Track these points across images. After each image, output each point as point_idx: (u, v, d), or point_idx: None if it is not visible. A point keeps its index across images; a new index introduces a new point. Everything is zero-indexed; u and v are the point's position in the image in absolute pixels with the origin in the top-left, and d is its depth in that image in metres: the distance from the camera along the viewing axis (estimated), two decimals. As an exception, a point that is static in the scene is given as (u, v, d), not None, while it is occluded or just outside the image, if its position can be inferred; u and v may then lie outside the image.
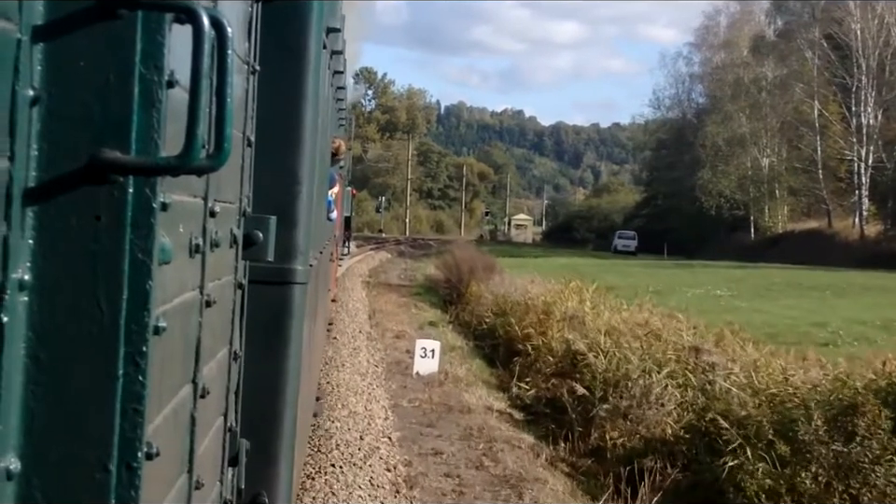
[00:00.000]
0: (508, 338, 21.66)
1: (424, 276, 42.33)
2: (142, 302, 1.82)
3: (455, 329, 25.47)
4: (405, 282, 40.98)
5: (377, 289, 34.63)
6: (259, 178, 3.81)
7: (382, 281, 40.01)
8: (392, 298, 31.79)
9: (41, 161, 1.72)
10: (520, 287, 27.25)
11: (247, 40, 3.30)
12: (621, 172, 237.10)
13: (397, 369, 17.66)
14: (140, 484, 1.82)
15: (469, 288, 30.24)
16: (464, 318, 27.20)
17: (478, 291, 29.06)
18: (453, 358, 18.92)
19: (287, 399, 5.11)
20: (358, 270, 43.80)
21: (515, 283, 28.56)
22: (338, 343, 18.38)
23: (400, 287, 37.26)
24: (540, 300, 22.80)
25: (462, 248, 40.11)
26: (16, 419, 1.70)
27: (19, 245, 1.66)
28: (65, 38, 1.73)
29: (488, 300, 26.87)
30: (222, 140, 1.92)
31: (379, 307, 28.03)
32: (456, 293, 31.54)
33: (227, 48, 1.93)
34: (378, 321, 24.32)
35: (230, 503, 3.52)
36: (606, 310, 21.04)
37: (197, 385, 2.54)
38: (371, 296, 31.34)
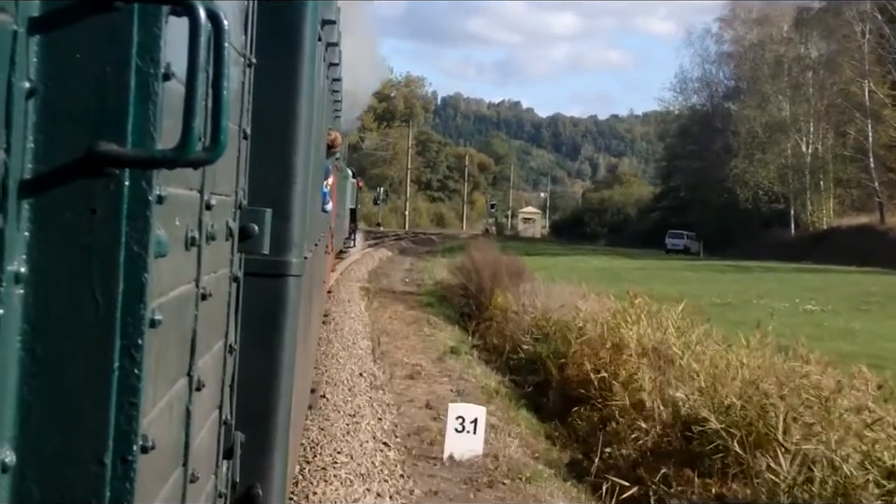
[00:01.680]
0: (563, 379, 15.67)
1: (433, 280, 35.67)
2: (138, 295, 1.82)
3: (482, 356, 19.75)
4: (411, 288, 34.40)
5: (379, 299, 27.93)
6: (254, 171, 3.81)
7: (384, 287, 33.10)
8: (398, 311, 25.58)
9: (37, 153, 1.72)
10: (558, 297, 21.47)
11: (244, 33, 3.30)
12: (619, 164, 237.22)
13: (417, 445, 11.32)
14: (135, 477, 1.82)
15: (492, 299, 24.31)
16: (491, 341, 21.04)
17: (504, 303, 23.25)
18: (491, 411, 12.54)
19: (281, 391, 5.11)
20: (356, 273, 37.04)
21: (552, 293, 22.29)
22: (333, 401, 12.54)
23: (407, 296, 30.45)
24: (599, 321, 16.82)
25: (481, 249, 32.22)
26: (11, 412, 1.70)
27: (14, 238, 1.66)
28: (62, 30, 1.73)
29: (525, 320, 20.41)
30: (218, 133, 1.91)
31: (383, 325, 21.72)
32: (476, 304, 25.89)
33: (223, 40, 1.93)
34: (384, 350, 18.02)
35: (224, 496, 3.53)
36: (695, 339, 14.49)
37: (192, 378, 2.54)
38: (373, 310, 24.66)
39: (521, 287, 24.28)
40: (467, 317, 25.11)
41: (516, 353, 18.86)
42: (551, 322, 19.03)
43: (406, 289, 33.51)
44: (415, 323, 23.07)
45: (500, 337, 20.80)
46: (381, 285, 33.75)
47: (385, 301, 27.64)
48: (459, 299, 28.08)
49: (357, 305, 24.85)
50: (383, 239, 68.97)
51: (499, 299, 23.80)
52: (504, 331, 20.90)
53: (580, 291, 22.38)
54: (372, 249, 53.19)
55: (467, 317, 25.11)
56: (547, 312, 19.98)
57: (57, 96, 1.74)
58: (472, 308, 25.89)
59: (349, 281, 32.29)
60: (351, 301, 25.73)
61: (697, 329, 15.31)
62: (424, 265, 44.60)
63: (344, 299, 26.02)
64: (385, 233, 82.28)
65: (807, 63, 76.87)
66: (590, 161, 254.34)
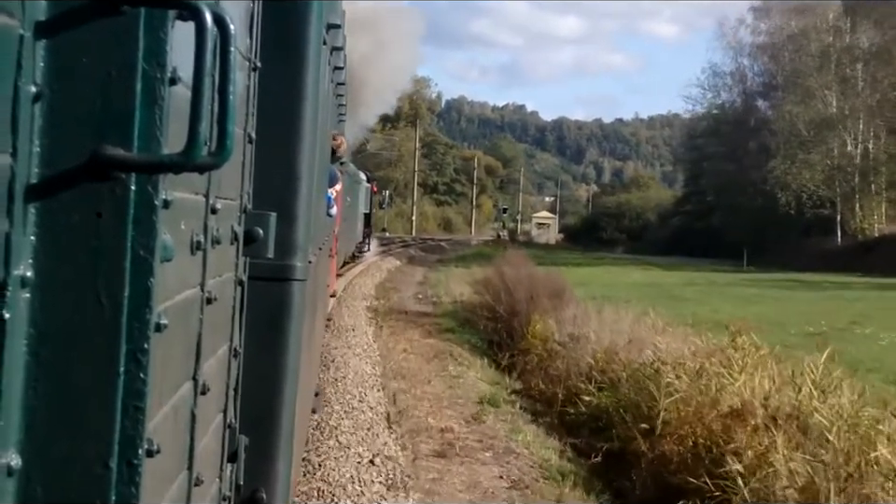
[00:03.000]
0: (657, 457, 11.05)
1: (450, 298, 30.34)
2: (143, 300, 1.82)
3: (525, 404, 15.16)
4: (426, 307, 28.87)
5: (390, 323, 23.08)
6: (259, 174, 3.81)
7: (395, 307, 27.65)
8: (413, 340, 20.68)
9: (43, 157, 1.72)
10: (612, 325, 17.33)
11: (249, 37, 3.30)
12: (624, 168, 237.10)
13: None
14: (140, 481, 1.82)
15: (530, 326, 19.45)
16: (535, 384, 16.33)
17: (544, 331, 18.72)
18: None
19: (285, 395, 5.11)
20: (362, 287, 31.65)
21: (605, 320, 17.98)
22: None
23: (422, 319, 25.22)
24: (692, 367, 12.32)
25: (511, 262, 27.55)
26: (17, 416, 1.70)
27: (20, 242, 1.66)
28: (68, 34, 1.73)
29: (580, 358, 15.81)
30: (224, 137, 1.92)
31: (397, 364, 16.96)
32: (507, 330, 21.01)
33: (229, 44, 1.93)
34: (401, 405, 13.36)
35: (229, 499, 3.53)
36: (847, 403, 9.93)
37: (197, 382, 2.54)
38: (383, 340, 19.89)
39: (563, 310, 19.94)
40: (496, 347, 20.29)
41: (572, 403, 14.40)
42: (618, 362, 14.58)
43: (420, 309, 28.00)
44: (436, 358, 18.26)
45: (547, 380, 16.19)
46: (391, 303, 28.65)
47: (398, 327, 22.81)
48: (485, 322, 23.04)
49: (364, 334, 19.97)
50: (389, 246, 63.27)
51: (538, 325, 19.21)
52: (550, 371, 16.51)
53: (641, 318, 17.99)
54: (379, 258, 47.60)
55: (496, 347, 20.29)
56: (611, 348, 15.41)
57: (63, 100, 1.74)
58: (503, 335, 20.96)
59: (354, 299, 27.31)
60: (356, 328, 20.70)
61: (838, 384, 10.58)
62: (437, 277, 39.48)
63: (348, 326, 20.77)
64: (391, 239, 77.32)
65: (857, 55, 69.65)
66: (595, 165, 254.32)
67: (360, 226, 42.50)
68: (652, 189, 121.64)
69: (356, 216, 37.15)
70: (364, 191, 42.59)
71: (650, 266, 54.48)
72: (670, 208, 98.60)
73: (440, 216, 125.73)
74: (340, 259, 29.18)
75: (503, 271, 25.26)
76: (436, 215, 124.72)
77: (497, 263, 28.39)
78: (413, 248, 65.86)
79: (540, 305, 20.61)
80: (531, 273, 24.58)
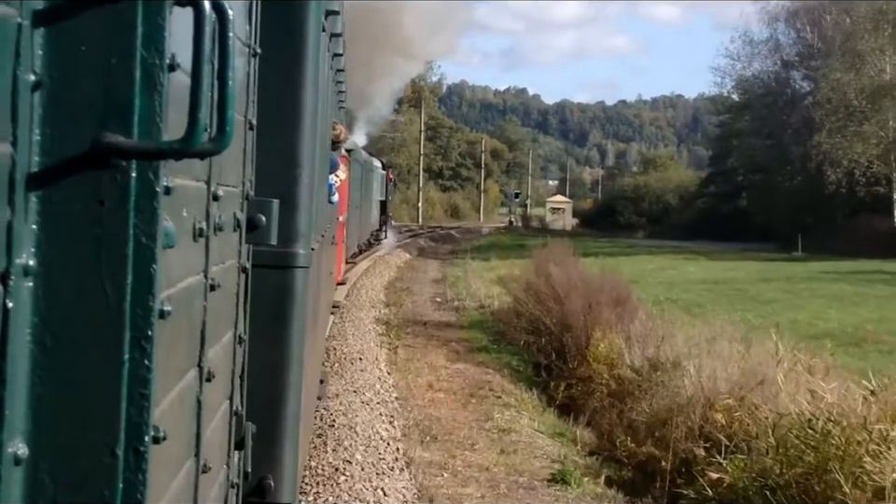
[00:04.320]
0: None
1: (475, 300, 25.40)
2: (147, 287, 1.82)
3: (618, 480, 10.93)
4: (448, 314, 23.55)
5: (407, 340, 18.57)
6: (261, 161, 3.81)
7: (410, 315, 22.66)
8: (439, 365, 16.05)
9: (44, 145, 1.72)
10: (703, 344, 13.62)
11: (248, 23, 3.29)
12: (628, 150, 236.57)
13: None
14: (147, 468, 1.82)
15: (591, 347, 15.21)
16: (617, 436, 12.16)
17: (608, 352, 14.67)
18: None
19: (290, 382, 5.12)
20: (369, 291, 26.35)
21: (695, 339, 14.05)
22: None
23: (446, 331, 20.27)
24: None
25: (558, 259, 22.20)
26: (23, 404, 1.70)
27: (23, 231, 1.66)
28: (66, 22, 1.73)
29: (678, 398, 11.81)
30: (224, 123, 1.91)
31: (422, 408, 12.84)
32: (557, 348, 16.69)
33: (228, 31, 1.93)
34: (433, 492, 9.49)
35: (237, 486, 3.54)
36: None
37: (203, 369, 2.54)
38: (400, 368, 15.36)
39: (629, 321, 15.98)
40: (545, 371, 16.15)
41: (683, 472, 10.29)
42: (749, 414, 10.36)
43: (441, 318, 22.58)
44: (474, 397, 13.74)
45: (632, 432, 12.04)
46: (405, 310, 23.47)
47: (416, 345, 17.99)
48: (526, 336, 18.51)
49: (375, 365, 15.05)
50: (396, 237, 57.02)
51: (601, 346, 14.93)
52: (631, 414, 12.49)
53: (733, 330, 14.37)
54: (386, 252, 42.01)
55: (545, 371, 16.15)
56: (735, 389, 11.12)
57: (62, 88, 1.74)
58: (551, 355, 16.66)
59: (360, 309, 22.10)
60: (364, 354, 15.74)
61: None
62: (454, 273, 34.43)
63: (354, 352, 15.67)
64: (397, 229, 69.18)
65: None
66: (598, 148, 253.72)
67: (376, 213, 41.85)
68: (671, 169, 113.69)
69: (370, 203, 36.79)
70: (379, 179, 42.12)
71: (691, 255, 48.22)
72: (693, 190, 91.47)
73: (446, 202, 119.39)
74: (351, 247, 28.94)
75: (549, 271, 20.21)
76: (442, 201, 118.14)
77: (538, 259, 23.82)
78: (421, 238, 59.60)
79: (602, 316, 16.09)
80: (581, 274, 19.80)
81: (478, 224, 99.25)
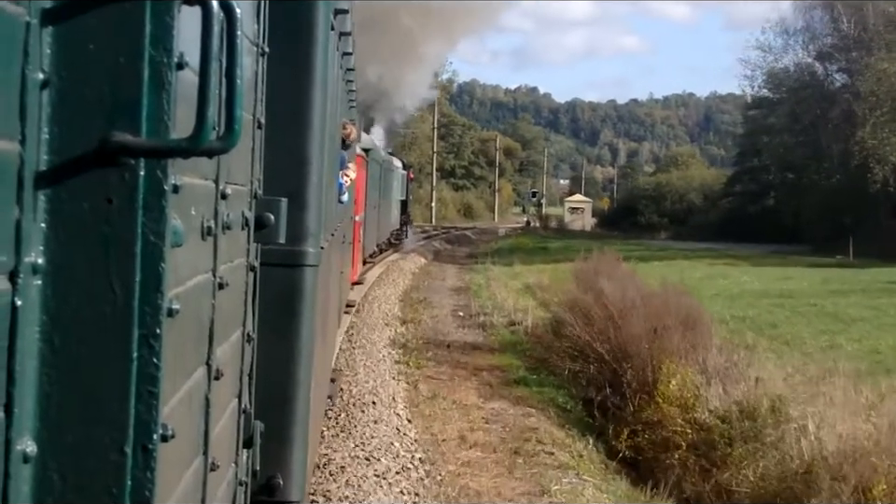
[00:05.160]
0: None
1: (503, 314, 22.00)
2: (155, 285, 1.82)
3: None
4: (474, 332, 20.23)
5: (427, 370, 15.41)
6: (269, 160, 3.81)
7: (430, 334, 19.38)
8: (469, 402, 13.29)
9: (52, 144, 1.72)
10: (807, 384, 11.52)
11: (256, 22, 3.29)
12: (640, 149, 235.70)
13: None
14: (156, 466, 1.83)
15: (662, 384, 12.47)
16: None
17: (682, 391, 12.09)
18: None
19: (299, 380, 5.13)
20: (382, 303, 23.19)
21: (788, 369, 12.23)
22: None
23: (473, 355, 17.30)
24: None
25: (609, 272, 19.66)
26: (31, 403, 1.71)
27: (31, 229, 1.66)
28: (75, 21, 1.73)
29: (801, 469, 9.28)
30: (232, 122, 1.91)
31: (454, 475, 10.12)
32: (612, 381, 13.85)
33: (236, 29, 1.93)
34: None
35: (245, 484, 3.54)
36: None
37: (211, 367, 2.55)
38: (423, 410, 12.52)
39: (703, 348, 13.22)
40: (600, 411, 13.43)
41: None
42: None
43: (467, 337, 19.48)
44: (518, 455, 10.92)
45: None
46: (423, 327, 20.24)
47: (441, 377, 14.96)
48: (568, 361, 15.73)
49: (391, 410, 12.05)
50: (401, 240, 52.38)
51: (672, 382, 12.17)
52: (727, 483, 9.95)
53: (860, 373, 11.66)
54: (400, 256, 38.83)
55: (600, 411, 13.43)
56: (881, 454, 8.80)
57: (71, 87, 1.74)
58: (605, 389, 13.79)
59: (372, 329, 18.95)
60: (379, 389, 13.01)
61: None
62: (476, 280, 31.10)
63: (364, 391, 12.79)
64: None
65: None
66: (609, 147, 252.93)
67: (396, 213, 41.33)
68: (693, 167, 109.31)
69: (389, 203, 36.47)
70: (399, 178, 41.78)
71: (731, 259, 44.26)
72: (717, 189, 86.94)
73: (459, 201, 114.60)
74: (368, 247, 28.59)
75: (599, 285, 17.20)
76: (455, 200, 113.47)
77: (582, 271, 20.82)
78: (436, 240, 56.30)
79: (670, 343, 13.13)
80: (641, 290, 16.62)
81: (493, 224, 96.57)
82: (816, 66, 69.89)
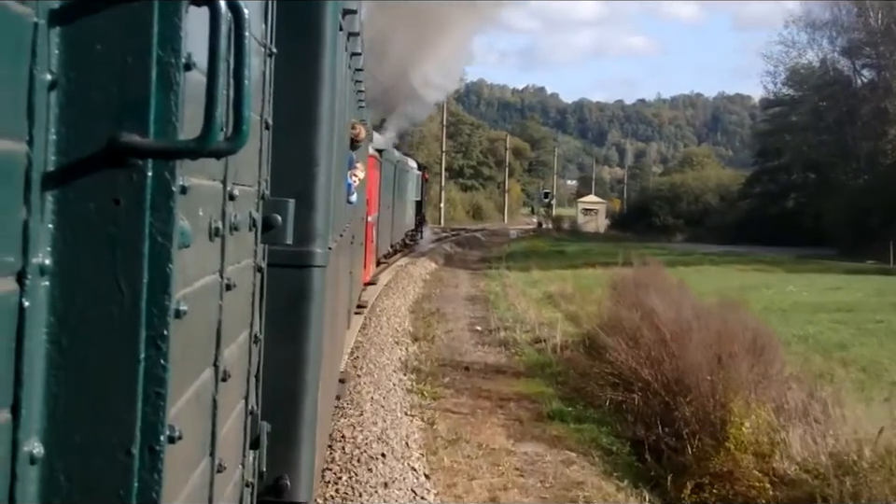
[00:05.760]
0: None
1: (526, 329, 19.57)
2: (162, 286, 1.82)
3: None
4: (494, 349, 17.94)
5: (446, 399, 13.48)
6: (277, 161, 3.81)
7: (446, 352, 17.32)
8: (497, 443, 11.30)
9: (60, 145, 1.72)
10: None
11: (264, 22, 3.29)
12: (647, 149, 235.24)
13: None
14: (163, 467, 1.82)
15: (733, 426, 10.10)
16: None
17: (756, 434, 9.98)
18: None
19: (307, 381, 5.12)
20: (391, 317, 20.77)
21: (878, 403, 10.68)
22: None
23: (497, 380, 15.17)
24: None
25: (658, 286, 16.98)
26: (39, 403, 1.71)
27: (39, 230, 1.66)
28: (82, 22, 1.73)
29: None
30: (240, 123, 1.91)
31: None
32: (665, 417, 11.74)
33: (244, 30, 1.92)
34: None
35: (251, 486, 3.54)
36: None
37: (218, 369, 2.54)
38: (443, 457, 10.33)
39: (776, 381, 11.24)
40: (652, 455, 11.06)
41: None
42: None
43: (488, 357, 17.13)
44: None
45: None
46: (438, 345, 17.96)
47: (461, 409, 12.92)
48: (612, 393, 13.19)
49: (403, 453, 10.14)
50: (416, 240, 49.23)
51: (746, 426, 10.09)
52: None
53: None
54: (409, 261, 36.33)
55: (652, 455, 11.06)
56: None
57: (79, 88, 1.74)
58: (655, 423, 11.68)
59: (382, 346, 16.79)
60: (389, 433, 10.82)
61: None
62: (491, 287, 28.75)
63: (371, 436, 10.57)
64: None
65: None
66: (617, 147, 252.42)
67: (411, 214, 41.16)
68: (708, 167, 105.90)
69: (404, 203, 36.30)
70: (414, 179, 41.62)
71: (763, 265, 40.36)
72: (735, 189, 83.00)
73: (468, 202, 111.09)
74: (382, 247, 28.45)
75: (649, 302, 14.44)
76: (464, 201, 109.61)
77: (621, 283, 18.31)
78: (446, 242, 53.04)
79: (737, 374, 11.02)
80: (694, 304, 14.23)
81: (503, 226, 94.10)
82: (842, 62, 67.09)
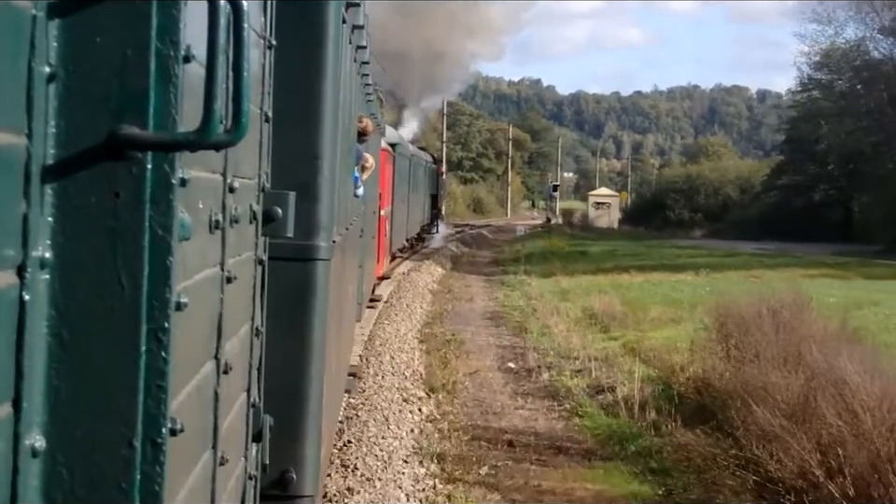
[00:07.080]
0: None
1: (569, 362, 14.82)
2: (163, 279, 1.82)
3: None
4: (539, 403, 12.55)
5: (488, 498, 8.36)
6: (279, 154, 3.80)
7: (473, 412, 11.92)
8: None
9: (59, 138, 1.72)
10: None
11: (263, 15, 3.29)
12: (644, 141, 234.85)
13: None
14: (165, 460, 1.82)
15: None
16: None
17: None
18: None
19: (311, 375, 5.12)
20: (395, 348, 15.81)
21: None
22: None
23: (555, 459, 9.85)
24: None
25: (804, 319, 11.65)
26: (40, 397, 1.71)
27: (38, 223, 1.66)
28: (81, 14, 1.73)
29: None
30: (240, 115, 1.91)
31: None
32: None
33: (243, 22, 1.92)
34: None
35: (254, 479, 3.54)
36: None
37: (219, 361, 2.55)
38: None
39: None
40: None
41: None
42: None
43: (535, 419, 11.81)
44: None
45: None
46: (461, 398, 12.76)
47: None
48: (726, 474, 8.80)
49: None
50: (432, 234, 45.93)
51: None
52: None
53: None
54: (413, 265, 32.03)
55: None
56: None
57: (78, 80, 1.73)
58: None
59: (384, 408, 11.36)
60: None
61: None
62: (513, 300, 23.57)
63: None
64: None
65: None
66: (614, 139, 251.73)
67: (426, 208, 41.10)
68: (726, 158, 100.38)
69: (419, 197, 36.14)
70: (429, 173, 41.48)
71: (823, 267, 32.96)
72: (758, 181, 76.60)
73: (469, 195, 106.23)
74: (397, 241, 28.31)
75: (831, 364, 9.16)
76: (465, 195, 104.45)
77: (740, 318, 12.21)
78: (451, 241, 47.46)
79: None
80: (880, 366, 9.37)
81: (507, 221, 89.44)
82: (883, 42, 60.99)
